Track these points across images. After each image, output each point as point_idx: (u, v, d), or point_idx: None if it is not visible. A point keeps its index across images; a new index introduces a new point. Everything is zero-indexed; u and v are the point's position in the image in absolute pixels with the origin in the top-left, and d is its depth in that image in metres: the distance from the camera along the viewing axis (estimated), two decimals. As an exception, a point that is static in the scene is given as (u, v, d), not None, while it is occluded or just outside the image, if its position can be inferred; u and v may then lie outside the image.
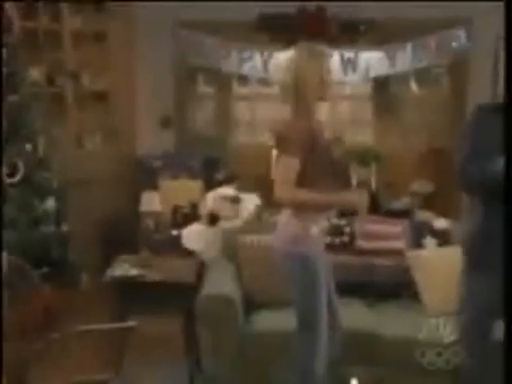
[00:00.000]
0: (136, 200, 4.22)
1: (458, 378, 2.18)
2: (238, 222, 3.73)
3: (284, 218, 2.42)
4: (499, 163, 2.23)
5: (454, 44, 4.37)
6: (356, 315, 2.91)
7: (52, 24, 4.35)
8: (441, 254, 2.86)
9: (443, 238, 3.10)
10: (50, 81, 4.49)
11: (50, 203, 3.83)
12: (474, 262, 2.42)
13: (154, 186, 4.53)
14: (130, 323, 2.39)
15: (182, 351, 2.99)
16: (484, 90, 4.76)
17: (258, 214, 3.87)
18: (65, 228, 3.92)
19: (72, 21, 4.34)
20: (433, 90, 5.55)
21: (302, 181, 2.33)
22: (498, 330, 2.24)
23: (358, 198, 2.43)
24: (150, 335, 2.53)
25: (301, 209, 2.38)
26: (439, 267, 2.80)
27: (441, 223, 3.24)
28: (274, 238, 2.52)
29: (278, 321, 2.78)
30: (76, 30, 4.41)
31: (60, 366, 2.44)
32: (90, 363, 2.39)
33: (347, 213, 2.96)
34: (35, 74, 4.31)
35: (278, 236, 2.47)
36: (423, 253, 3.13)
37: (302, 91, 2.34)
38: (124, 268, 3.06)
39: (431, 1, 4.64)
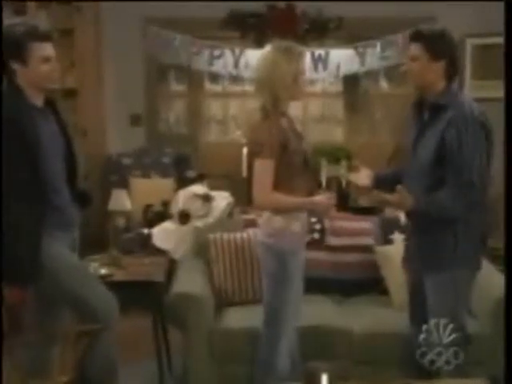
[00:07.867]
0: (106, 198, 4.18)
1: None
2: (209, 220, 3.72)
3: (266, 214, 2.43)
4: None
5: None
6: (325, 312, 2.93)
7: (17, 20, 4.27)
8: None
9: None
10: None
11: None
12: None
13: (125, 185, 4.49)
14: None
15: (151, 351, 2.97)
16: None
17: (230, 212, 3.86)
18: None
19: (37, 17, 4.27)
20: (402, 87, 5.61)
21: (277, 181, 2.33)
22: None
23: (327, 201, 2.45)
24: (119, 335, 2.50)
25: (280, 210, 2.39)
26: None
27: (409, 219, 3.27)
28: (257, 231, 2.56)
29: (248, 318, 2.77)
30: (42, 26, 4.32)
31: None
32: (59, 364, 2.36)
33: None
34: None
35: (260, 229, 2.49)
36: (390, 248, 3.16)
37: (276, 89, 2.33)
38: (93, 267, 3.02)
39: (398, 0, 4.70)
